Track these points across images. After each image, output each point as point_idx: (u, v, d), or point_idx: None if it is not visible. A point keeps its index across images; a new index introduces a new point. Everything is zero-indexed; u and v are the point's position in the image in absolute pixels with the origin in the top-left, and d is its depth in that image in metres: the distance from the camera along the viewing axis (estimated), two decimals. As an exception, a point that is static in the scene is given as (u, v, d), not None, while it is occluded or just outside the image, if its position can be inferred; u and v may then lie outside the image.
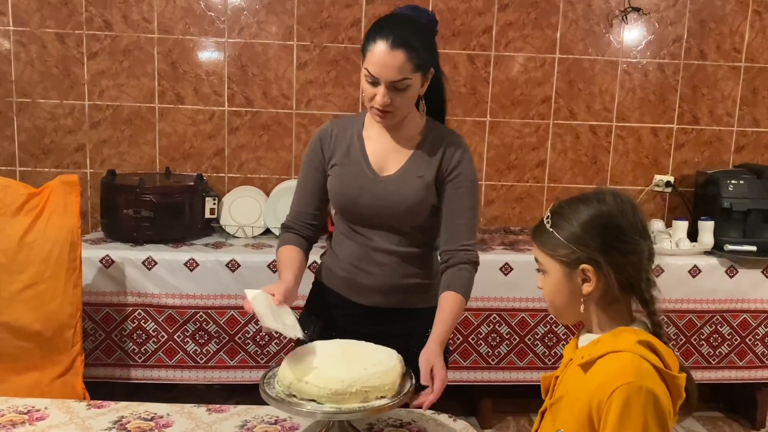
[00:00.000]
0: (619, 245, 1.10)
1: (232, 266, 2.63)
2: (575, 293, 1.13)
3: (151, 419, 1.52)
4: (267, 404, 1.33)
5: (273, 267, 2.62)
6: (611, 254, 1.09)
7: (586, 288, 1.11)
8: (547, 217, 1.16)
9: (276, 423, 1.51)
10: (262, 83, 3.09)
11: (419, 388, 1.37)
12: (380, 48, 1.46)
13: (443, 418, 1.56)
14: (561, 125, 3.23)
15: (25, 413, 1.52)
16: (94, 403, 1.59)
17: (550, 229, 1.14)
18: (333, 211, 1.76)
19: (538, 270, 1.20)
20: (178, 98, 3.08)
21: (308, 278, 1.72)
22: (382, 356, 1.36)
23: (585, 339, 1.17)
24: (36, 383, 2.09)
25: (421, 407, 1.38)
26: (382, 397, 1.28)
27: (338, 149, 1.64)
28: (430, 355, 1.43)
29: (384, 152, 1.62)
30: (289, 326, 1.36)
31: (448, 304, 1.54)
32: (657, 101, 3.24)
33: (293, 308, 1.46)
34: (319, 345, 1.40)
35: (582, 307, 1.13)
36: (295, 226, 1.68)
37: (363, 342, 1.45)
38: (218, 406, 1.59)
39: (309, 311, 1.74)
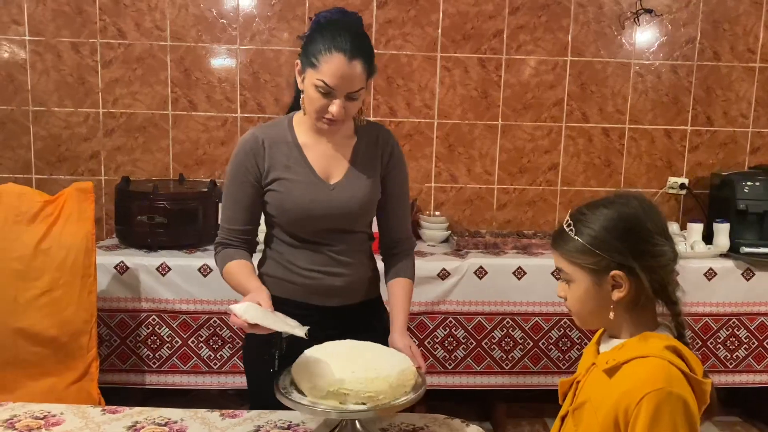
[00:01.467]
0: (649, 248, 1.09)
1: (245, 272, 2.63)
2: (604, 300, 1.11)
3: (165, 424, 1.52)
4: (280, 409, 1.33)
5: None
6: (643, 258, 1.08)
7: (617, 294, 1.09)
8: (569, 224, 1.14)
9: (289, 428, 1.51)
10: (274, 89, 3.10)
11: None
12: (338, 59, 1.42)
13: (456, 423, 1.55)
14: (573, 128, 3.21)
15: (41, 418, 1.54)
16: (108, 408, 1.60)
17: (575, 237, 1.11)
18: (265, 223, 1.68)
19: (559, 278, 1.18)
20: (191, 105, 3.10)
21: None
22: (389, 362, 1.34)
23: (608, 344, 1.16)
24: (52, 389, 2.11)
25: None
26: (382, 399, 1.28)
27: (276, 161, 1.57)
28: (404, 339, 1.56)
29: (326, 159, 1.59)
30: (294, 326, 1.37)
31: (405, 291, 1.65)
32: (670, 103, 3.21)
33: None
34: (330, 346, 1.41)
35: (612, 314, 1.11)
36: (233, 242, 1.61)
37: (376, 345, 1.45)
38: (231, 411, 1.59)
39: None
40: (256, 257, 1.70)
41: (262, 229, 1.69)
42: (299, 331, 1.34)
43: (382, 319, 1.66)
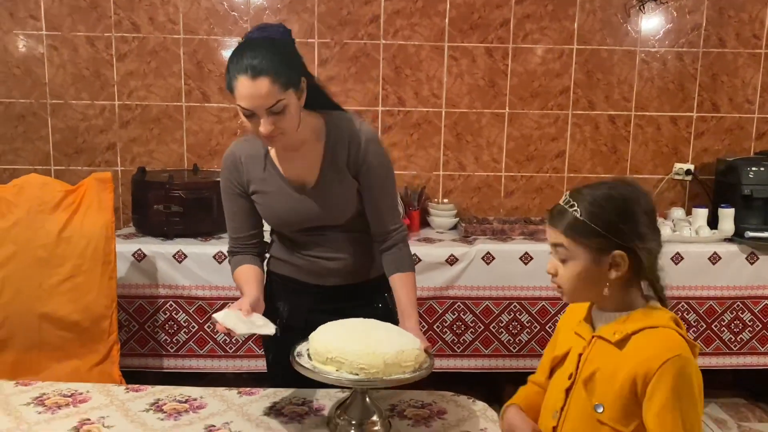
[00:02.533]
0: (649, 234, 1.15)
1: (259, 258, 2.71)
2: (600, 278, 1.16)
3: (186, 401, 1.60)
4: (294, 388, 1.41)
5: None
6: (647, 241, 1.14)
7: (614, 273, 1.14)
8: (571, 204, 1.16)
9: (303, 404, 1.58)
10: (285, 80, 3.16)
11: None
12: (243, 83, 1.44)
13: (462, 399, 1.62)
14: (580, 116, 3.25)
15: (69, 396, 1.62)
16: (132, 387, 1.68)
17: (582, 219, 1.14)
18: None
19: (555, 254, 1.21)
20: (203, 97, 3.17)
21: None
22: (392, 342, 1.39)
23: (603, 317, 1.21)
24: (76, 371, 2.20)
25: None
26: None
27: (253, 176, 1.66)
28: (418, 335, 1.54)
29: (297, 168, 1.64)
30: (261, 325, 1.46)
31: (409, 285, 1.65)
32: (676, 90, 3.25)
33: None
34: (353, 321, 1.48)
35: (606, 291, 1.16)
36: (241, 250, 1.72)
37: (394, 327, 1.50)
38: (248, 389, 1.67)
39: (272, 299, 1.74)
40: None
41: None
42: (267, 329, 1.44)
43: (383, 299, 1.73)
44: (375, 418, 1.41)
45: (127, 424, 1.49)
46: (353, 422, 1.40)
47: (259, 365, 2.76)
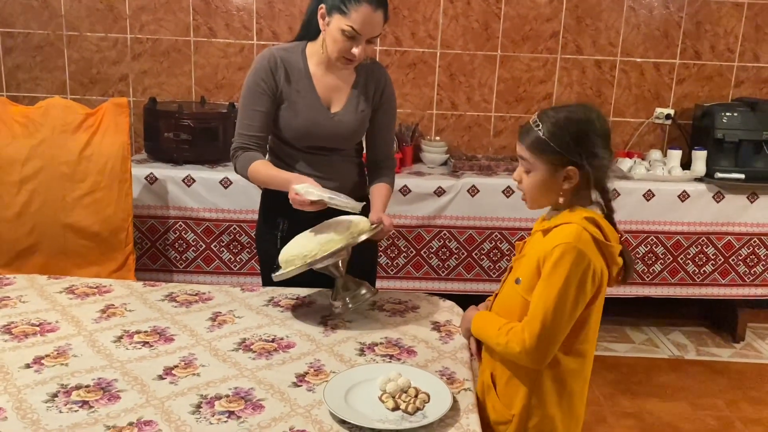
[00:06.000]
0: (600, 153, 1.35)
1: (261, 184, 2.93)
2: (556, 187, 1.38)
3: (196, 294, 1.85)
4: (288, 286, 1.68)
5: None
6: (594, 160, 1.35)
7: (567, 185, 1.37)
8: (536, 122, 1.37)
9: (297, 299, 1.83)
10: (288, 18, 3.33)
11: None
12: (366, 9, 1.67)
13: (435, 299, 1.87)
14: (568, 60, 3.42)
15: (95, 287, 1.87)
16: (148, 282, 1.93)
17: (543, 137, 1.35)
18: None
19: (521, 165, 1.42)
20: (211, 32, 3.34)
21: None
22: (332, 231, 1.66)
23: (550, 215, 1.45)
24: (96, 276, 2.44)
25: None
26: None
27: (290, 84, 1.81)
28: (381, 214, 1.78)
29: (329, 90, 1.85)
30: (348, 201, 1.66)
31: (385, 191, 1.90)
32: (661, 37, 3.40)
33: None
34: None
35: (561, 200, 1.39)
36: (252, 147, 1.81)
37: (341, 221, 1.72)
38: (250, 285, 1.92)
39: (273, 216, 1.93)
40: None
41: None
42: (354, 204, 1.64)
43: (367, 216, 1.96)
44: (363, 290, 1.70)
45: (146, 309, 1.74)
46: (347, 296, 1.69)
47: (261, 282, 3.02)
